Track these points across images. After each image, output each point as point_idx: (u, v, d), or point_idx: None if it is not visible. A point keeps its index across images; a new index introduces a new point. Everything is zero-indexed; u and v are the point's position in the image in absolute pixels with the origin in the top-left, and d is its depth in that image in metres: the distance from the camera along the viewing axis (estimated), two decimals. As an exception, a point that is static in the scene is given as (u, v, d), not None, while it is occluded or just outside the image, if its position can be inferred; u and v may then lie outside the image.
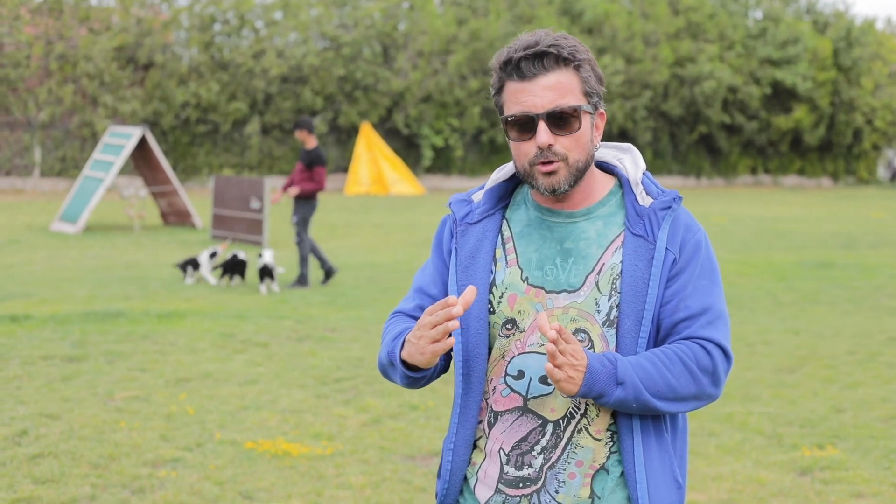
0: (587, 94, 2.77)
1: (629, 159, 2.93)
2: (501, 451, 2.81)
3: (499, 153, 42.17)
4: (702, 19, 46.29)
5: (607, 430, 2.78)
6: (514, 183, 2.96)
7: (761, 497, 6.50)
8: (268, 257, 14.57)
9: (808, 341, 11.24)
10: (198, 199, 30.94)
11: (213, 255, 15.68)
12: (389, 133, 41.14)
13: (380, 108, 40.62)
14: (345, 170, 40.04)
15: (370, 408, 8.35)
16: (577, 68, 2.75)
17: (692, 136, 46.47)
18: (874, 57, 49.58)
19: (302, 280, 15.06)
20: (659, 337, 2.79)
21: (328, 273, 15.24)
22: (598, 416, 2.77)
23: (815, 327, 12.06)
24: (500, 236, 2.89)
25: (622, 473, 2.78)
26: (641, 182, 2.88)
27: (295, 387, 9.02)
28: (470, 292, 2.66)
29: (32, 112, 36.98)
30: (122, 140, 24.35)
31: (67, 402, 8.31)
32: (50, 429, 7.60)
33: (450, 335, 2.69)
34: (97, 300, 13.38)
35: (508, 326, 2.81)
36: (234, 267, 15.32)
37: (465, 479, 2.90)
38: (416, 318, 2.93)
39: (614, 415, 2.77)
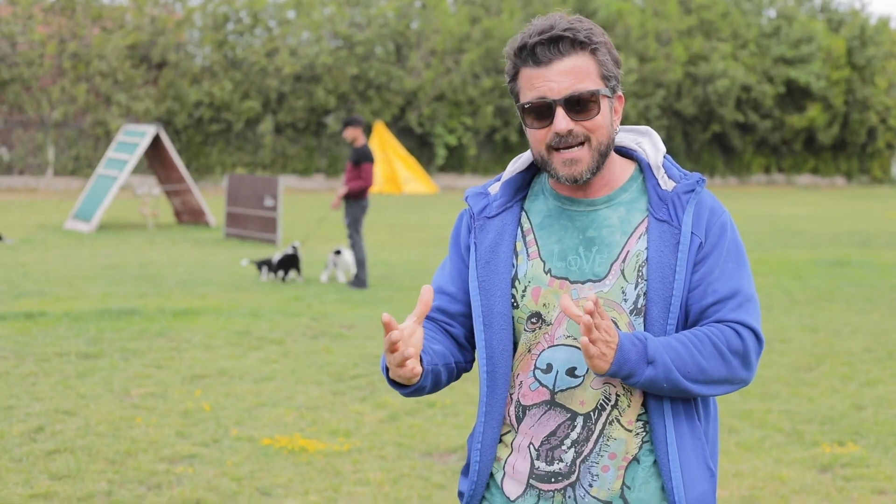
0: (605, 78, 2.69)
1: (648, 143, 2.85)
2: (531, 447, 2.74)
3: (512, 152, 42.11)
4: (714, 17, 46.20)
5: (638, 420, 2.71)
6: (532, 173, 2.87)
7: (783, 494, 6.45)
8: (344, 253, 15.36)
9: (826, 339, 11.17)
10: (211, 198, 30.95)
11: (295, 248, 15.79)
12: (402, 132, 41.14)
13: (393, 107, 40.64)
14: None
15: (387, 404, 8.31)
16: (594, 52, 2.68)
17: (705, 135, 46.38)
18: (888, 56, 49.43)
19: (359, 282, 14.81)
20: (688, 323, 2.73)
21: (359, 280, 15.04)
22: (629, 406, 2.71)
23: (832, 325, 12.00)
24: (519, 229, 2.81)
25: (654, 463, 2.72)
26: (663, 165, 2.80)
27: (311, 383, 8.99)
28: (426, 293, 2.60)
29: (46, 111, 37.06)
30: (136, 138, 24.37)
31: (83, 399, 8.30)
32: (66, 425, 7.58)
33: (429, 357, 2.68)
34: (111, 298, 13.37)
35: (533, 320, 2.74)
36: (288, 262, 15.40)
37: (491, 474, 2.83)
38: (435, 320, 2.87)
39: (645, 405, 2.71)
